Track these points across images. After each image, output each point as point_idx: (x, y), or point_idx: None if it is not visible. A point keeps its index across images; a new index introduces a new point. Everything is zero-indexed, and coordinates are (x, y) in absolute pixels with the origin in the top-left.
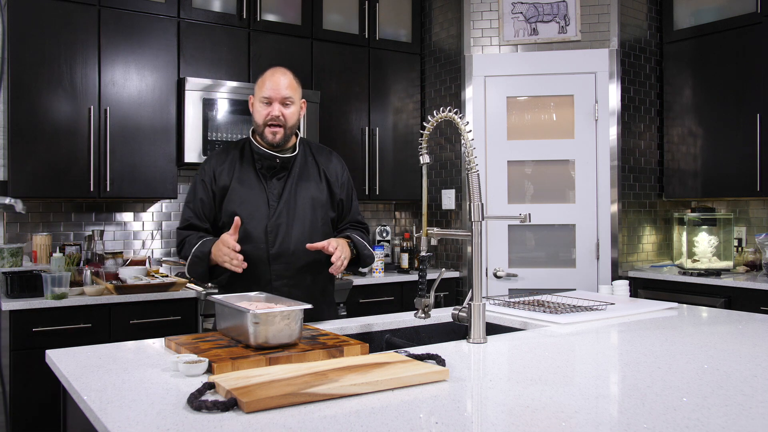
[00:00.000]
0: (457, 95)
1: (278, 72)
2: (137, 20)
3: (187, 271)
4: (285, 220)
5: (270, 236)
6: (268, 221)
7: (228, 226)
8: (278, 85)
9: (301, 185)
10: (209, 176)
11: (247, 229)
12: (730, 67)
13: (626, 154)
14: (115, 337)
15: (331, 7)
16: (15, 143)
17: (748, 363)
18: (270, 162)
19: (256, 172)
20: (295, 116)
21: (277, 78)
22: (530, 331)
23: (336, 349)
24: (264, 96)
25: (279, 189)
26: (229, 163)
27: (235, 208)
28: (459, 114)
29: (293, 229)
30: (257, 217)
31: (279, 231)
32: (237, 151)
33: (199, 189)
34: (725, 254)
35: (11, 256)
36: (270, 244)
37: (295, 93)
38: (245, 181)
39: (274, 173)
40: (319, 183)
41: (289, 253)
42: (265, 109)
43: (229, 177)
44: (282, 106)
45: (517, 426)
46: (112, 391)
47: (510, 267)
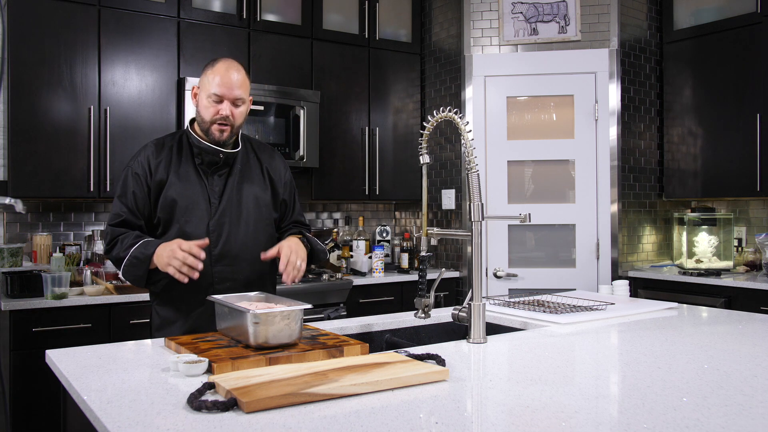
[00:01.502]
0: (457, 95)
1: (232, 68)
2: (137, 20)
3: (122, 274)
4: (228, 219)
5: (212, 236)
6: (210, 219)
7: (165, 223)
8: (231, 83)
9: (245, 183)
10: (143, 169)
11: (186, 228)
12: (730, 67)
13: (626, 154)
14: (115, 337)
15: (331, 7)
16: (15, 143)
17: (748, 363)
18: (212, 157)
19: (195, 168)
20: (243, 115)
21: (231, 76)
22: (530, 331)
23: (336, 349)
24: (215, 93)
25: (220, 186)
26: (166, 156)
27: (173, 204)
28: (459, 114)
29: (237, 228)
30: (197, 215)
31: (222, 230)
32: (174, 143)
33: (132, 183)
34: (725, 254)
35: (11, 256)
36: (212, 245)
37: (246, 92)
38: (184, 176)
39: (215, 169)
40: (263, 182)
41: (233, 254)
42: (214, 106)
43: (165, 171)
44: (233, 106)
45: (517, 426)
46: (112, 391)
47: (510, 267)
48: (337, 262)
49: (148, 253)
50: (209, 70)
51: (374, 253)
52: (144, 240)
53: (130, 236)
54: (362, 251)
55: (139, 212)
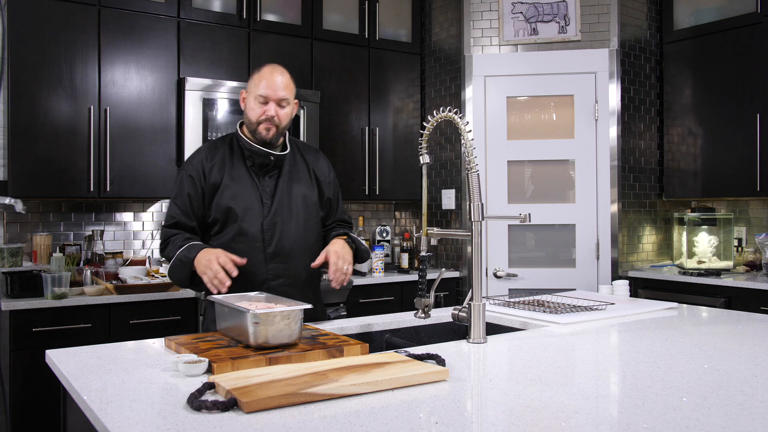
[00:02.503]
0: (457, 95)
1: (276, 71)
2: (137, 20)
3: (168, 274)
4: (280, 219)
5: (266, 234)
6: (264, 219)
7: (220, 223)
8: (276, 85)
9: (293, 184)
10: (198, 172)
11: (242, 226)
12: (730, 67)
13: (626, 154)
14: (115, 337)
15: (331, 7)
16: (15, 143)
17: (748, 363)
18: (263, 159)
19: (247, 169)
20: (288, 117)
21: (276, 77)
22: (530, 331)
23: (336, 349)
24: (261, 94)
25: (271, 187)
26: (219, 159)
27: (229, 204)
28: (459, 114)
29: (289, 227)
30: (251, 214)
31: (275, 229)
32: (226, 146)
33: (187, 185)
34: (725, 254)
35: (11, 256)
36: (267, 243)
37: (291, 94)
38: (237, 177)
39: (266, 171)
40: (310, 182)
41: (285, 251)
42: (261, 107)
43: (220, 174)
44: (278, 107)
45: (517, 426)
46: (112, 391)
47: (510, 267)
48: None
49: (191, 256)
50: (256, 74)
51: (374, 253)
52: (190, 243)
53: (180, 238)
54: None
55: (192, 213)
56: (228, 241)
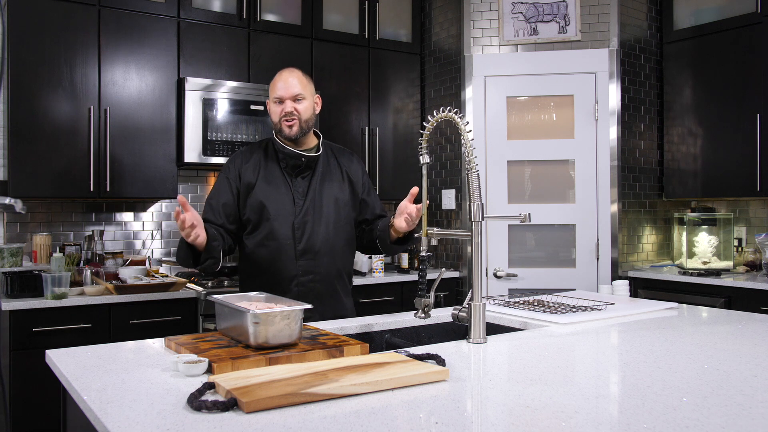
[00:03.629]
0: (457, 95)
1: (286, 72)
2: (137, 20)
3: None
4: (311, 218)
5: (297, 233)
6: (295, 218)
7: (254, 221)
8: (287, 84)
9: (325, 185)
10: (234, 174)
11: (274, 225)
12: (730, 67)
13: (626, 154)
14: (115, 337)
15: (331, 7)
16: (15, 143)
17: (748, 363)
18: (295, 161)
19: (281, 171)
20: (309, 110)
21: (285, 77)
22: (530, 331)
23: (336, 349)
24: (276, 96)
25: (304, 187)
26: (254, 161)
27: (262, 204)
28: (459, 114)
29: (319, 226)
30: (283, 213)
31: (306, 228)
32: (261, 150)
33: (223, 186)
34: (725, 254)
35: (11, 256)
36: (297, 241)
37: (305, 89)
38: (271, 179)
39: (298, 172)
40: (342, 183)
41: (315, 250)
42: (278, 107)
43: (254, 175)
44: (294, 102)
45: (517, 426)
46: (112, 391)
47: (510, 267)
48: None
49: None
50: (272, 82)
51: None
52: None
53: None
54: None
55: (222, 213)
56: (262, 239)
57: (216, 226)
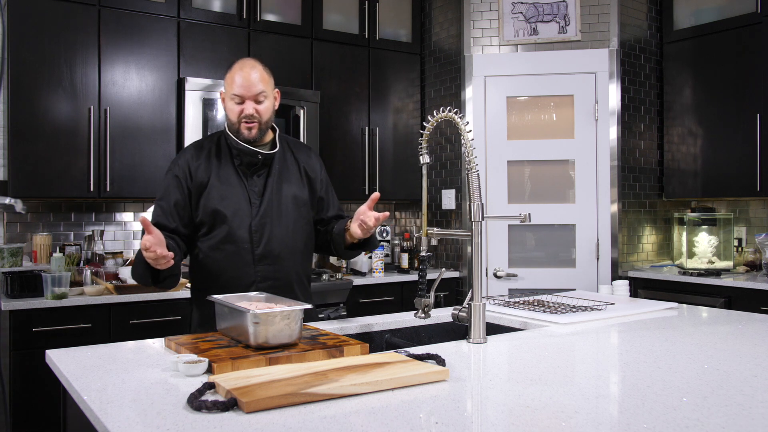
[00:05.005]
0: (457, 95)
1: (247, 66)
2: (137, 20)
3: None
4: (269, 220)
5: (255, 236)
6: (252, 220)
7: (207, 223)
8: (249, 81)
9: (283, 183)
10: (184, 172)
11: (230, 228)
12: (730, 67)
13: (626, 154)
14: (115, 337)
15: (331, 7)
16: (15, 143)
17: (748, 363)
18: (251, 158)
19: (234, 169)
20: (269, 111)
21: (247, 73)
22: (530, 331)
23: (336, 349)
24: (235, 94)
25: (260, 186)
26: (206, 158)
27: (216, 205)
28: (459, 114)
29: (278, 228)
30: (240, 215)
31: (264, 231)
32: (213, 145)
33: (172, 186)
34: (725, 254)
35: (11, 256)
36: (255, 245)
37: (267, 86)
38: (224, 177)
39: (254, 170)
40: (300, 181)
41: (274, 254)
42: (238, 107)
43: (206, 173)
44: (255, 103)
45: (517, 426)
46: (112, 391)
47: (510, 267)
48: (337, 262)
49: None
50: (228, 73)
51: (374, 253)
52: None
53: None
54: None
55: (176, 215)
56: (217, 243)
57: (169, 231)
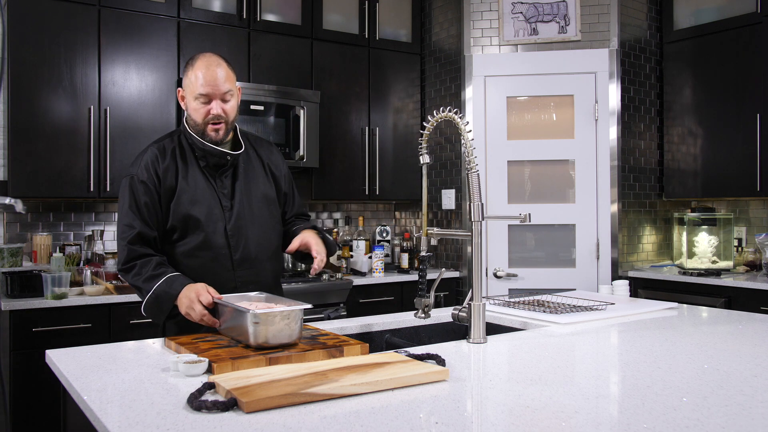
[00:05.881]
0: (457, 95)
1: (212, 63)
2: (137, 20)
3: (143, 309)
4: (244, 222)
5: (232, 240)
6: (227, 224)
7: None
8: (216, 79)
9: (251, 182)
10: (151, 176)
11: (206, 234)
12: (730, 67)
13: (626, 154)
14: (115, 337)
15: (331, 7)
16: (15, 143)
17: (748, 363)
18: (218, 160)
19: (200, 170)
20: (235, 109)
21: (213, 71)
22: (530, 331)
23: (336, 349)
24: (201, 93)
25: (229, 188)
26: (170, 160)
27: (188, 210)
28: (459, 114)
29: (253, 230)
30: (213, 220)
31: (241, 235)
32: (175, 146)
33: (141, 191)
34: (725, 254)
35: (11, 256)
36: (233, 250)
37: (232, 84)
38: (192, 180)
39: (221, 171)
40: (266, 178)
41: (252, 257)
42: (204, 107)
43: (174, 177)
44: (222, 103)
45: (517, 426)
46: (112, 391)
47: (510, 267)
48: (337, 262)
49: (173, 293)
50: (189, 70)
51: (374, 253)
52: (168, 276)
53: (151, 265)
54: (362, 251)
55: (155, 222)
56: (192, 249)
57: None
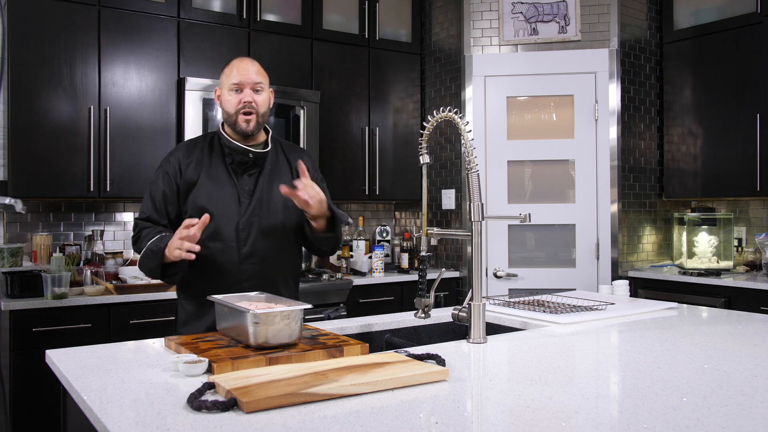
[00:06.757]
0: (457, 95)
1: (246, 60)
2: (137, 20)
3: (139, 265)
4: (257, 219)
5: (241, 234)
6: (240, 219)
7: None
8: (248, 71)
9: (274, 183)
10: (174, 168)
11: (217, 226)
12: (730, 67)
13: (626, 154)
14: (115, 337)
15: (331, 7)
16: (15, 143)
17: (748, 363)
18: (242, 157)
19: (226, 167)
20: (266, 104)
21: (246, 65)
22: (530, 331)
23: (336, 349)
24: (234, 83)
25: (251, 186)
26: (197, 156)
27: (204, 203)
28: (459, 114)
29: (266, 227)
30: (227, 214)
31: (251, 230)
32: (206, 144)
33: (162, 181)
34: (725, 254)
35: (11, 256)
36: (241, 243)
37: (264, 79)
38: (214, 176)
39: (245, 169)
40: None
41: (260, 253)
42: (236, 96)
43: (197, 171)
44: (253, 92)
45: (517, 426)
46: (112, 391)
47: (510, 267)
48: (337, 262)
49: (161, 246)
50: (225, 68)
51: (374, 253)
52: (161, 235)
53: (153, 231)
54: (362, 251)
55: (165, 211)
56: (203, 240)
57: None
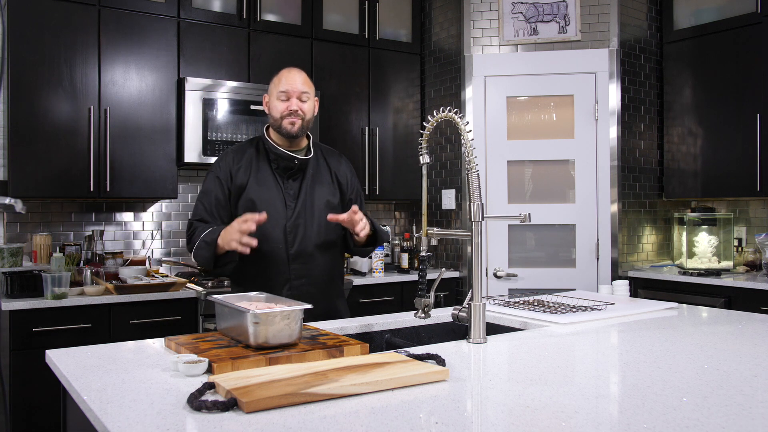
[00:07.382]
0: (457, 95)
1: (294, 70)
2: (137, 20)
3: (193, 255)
4: (303, 221)
5: (289, 236)
6: (287, 221)
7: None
8: (295, 81)
9: (316, 187)
10: (225, 173)
11: (266, 228)
12: (730, 67)
13: (626, 154)
14: (115, 337)
15: (331, 7)
16: (15, 143)
17: (748, 363)
18: (288, 162)
19: (272, 172)
20: (311, 111)
21: (294, 75)
22: (530, 331)
23: (336, 349)
24: (281, 91)
25: (295, 190)
26: (246, 161)
27: (254, 205)
28: (459, 114)
29: (311, 229)
30: (275, 216)
31: (298, 231)
32: (252, 149)
33: (214, 186)
34: (725, 254)
35: (11, 256)
36: (289, 244)
37: (310, 89)
38: (262, 180)
39: (290, 174)
40: (332, 185)
41: (307, 253)
42: (283, 104)
43: (246, 175)
44: (299, 101)
45: (517, 426)
46: (112, 391)
47: (510, 267)
48: None
49: (214, 236)
50: (275, 78)
51: (374, 253)
52: (213, 228)
53: (206, 227)
54: None
55: (216, 214)
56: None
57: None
